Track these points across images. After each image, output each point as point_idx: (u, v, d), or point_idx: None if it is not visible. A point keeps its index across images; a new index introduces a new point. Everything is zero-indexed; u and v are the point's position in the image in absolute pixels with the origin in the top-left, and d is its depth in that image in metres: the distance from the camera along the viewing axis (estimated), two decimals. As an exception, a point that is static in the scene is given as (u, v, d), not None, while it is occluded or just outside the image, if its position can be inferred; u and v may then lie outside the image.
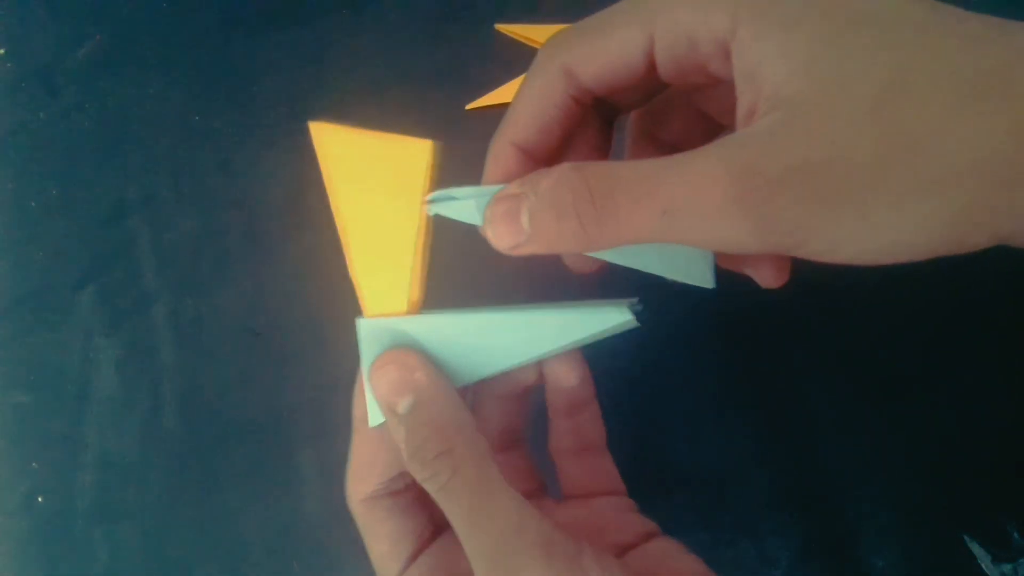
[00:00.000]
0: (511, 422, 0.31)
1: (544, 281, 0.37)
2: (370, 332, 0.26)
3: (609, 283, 0.31)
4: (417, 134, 0.26)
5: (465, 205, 0.25)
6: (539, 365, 0.29)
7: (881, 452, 0.37)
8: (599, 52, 0.25)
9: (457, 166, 0.40)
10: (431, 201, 0.26)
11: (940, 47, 0.20)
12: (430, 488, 0.24)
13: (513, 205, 0.23)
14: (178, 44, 0.44)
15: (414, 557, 0.27)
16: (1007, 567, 0.35)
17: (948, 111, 0.19)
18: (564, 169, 0.22)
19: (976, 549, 0.36)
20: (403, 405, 0.25)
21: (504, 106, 0.41)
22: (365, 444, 0.28)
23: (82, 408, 0.41)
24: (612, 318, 0.26)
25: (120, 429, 0.40)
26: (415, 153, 0.26)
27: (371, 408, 0.26)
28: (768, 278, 0.27)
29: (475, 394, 0.30)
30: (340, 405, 0.40)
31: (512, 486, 0.24)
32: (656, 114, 0.30)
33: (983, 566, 0.35)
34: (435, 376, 0.25)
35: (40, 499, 0.40)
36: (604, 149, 0.29)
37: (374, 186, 0.26)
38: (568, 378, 0.29)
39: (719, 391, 0.39)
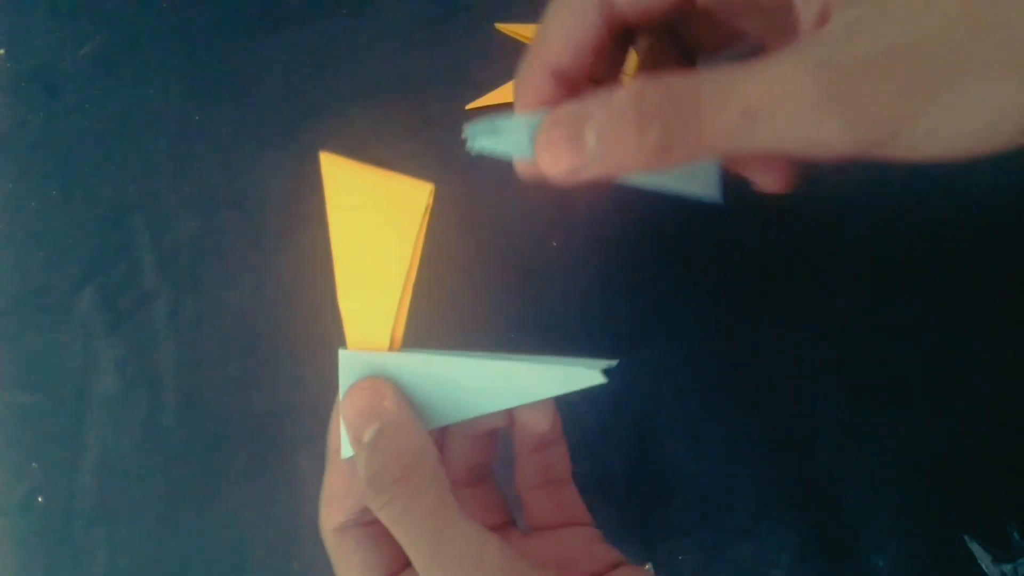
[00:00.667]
0: (479, 458, 0.31)
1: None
2: (350, 364, 0.27)
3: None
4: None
5: (513, 136, 0.24)
6: (510, 410, 0.29)
7: (881, 452, 0.37)
8: None
9: (459, 165, 0.40)
10: (470, 135, 0.25)
11: None
12: (386, 516, 0.24)
13: (574, 124, 0.22)
14: (178, 44, 0.44)
15: None
16: (1007, 567, 0.35)
17: None
18: (641, 81, 0.21)
19: (976, 549, 0.36)
20: (368, 433, 0.25)
21: (505, 105, 0.41)
22: (338, 474, 0.28)
23: (82, 408, 0.40)
24: (585, 378, 0.26)
25: (120, 429, 0.40)
26: (414, 194, 0.26)
27: (344, 439, 0.26)
28: (774, 181, 0.27)
29: (443, 432, 0.30)
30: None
31: (480, 519, 0.24)
32: (667, 45, 0.29)
33: (983, 566, 0.35)
34: (403, 406, 0.25)
35: (40, 499, 0.40)
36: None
37: (371, 221, 0.26)
38: (539, 424, 0.29)
39: (719, 391, 0.39)
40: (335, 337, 0.41)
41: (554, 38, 0.26)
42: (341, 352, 0.27)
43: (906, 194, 0.39)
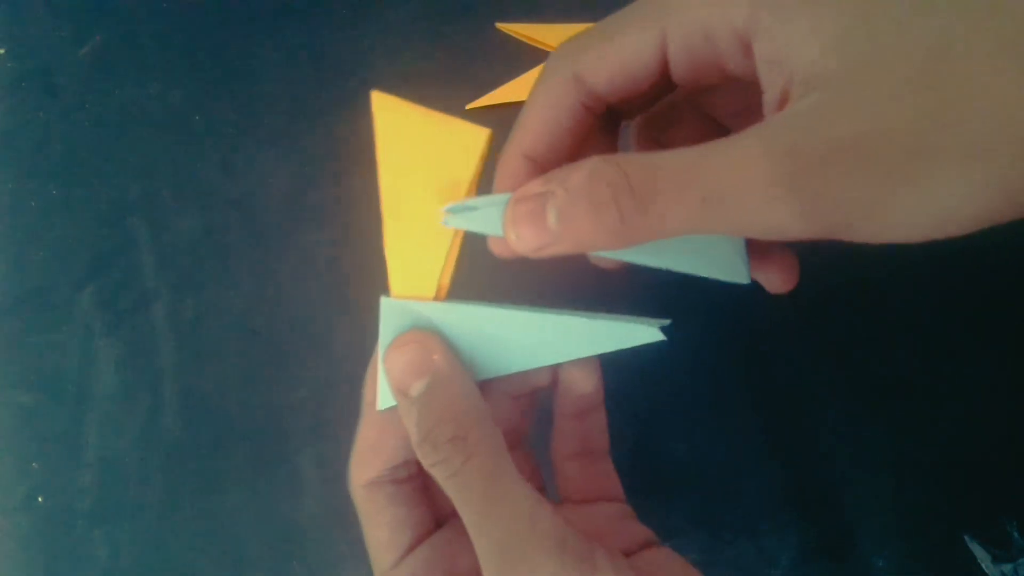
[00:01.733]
0: (517, 422, 0.30)
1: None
2: (392, 312, 0.25)
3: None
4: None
5: (487, 213, 0.24)
6: (554, 368, 0.29)
7: (881, 452, 0.37)
8: (611, 56, 0.24)
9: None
10: (449, 212, 0.25)
11: (977, 13, 0.19)
12: (439, 474, 0.24)
13: (537, 204, 0.22)
14: (178, 44, 0.44)
15: (411, 548, 0.27)
16: (1007, 567, 0.35)
17: (993, 73, 0.19)
18: (596, 161, 0.21)
19: (977, 549, 0.36)
20: (417, 387, 0.24)
21: (505, 105, 0.41)
22: (372, 427, 0.27)
23: (82, 408, 0.40)
24: (642, 335, 0.25)
25: (120, 429, 0.40)
26: (470, 139, 0.25)
27: (381, 391, 0.26)
28: (776, 282, 0.27)
29: (483, 390, 0.30)
30: (340, 405, 0.40)
31: None
32: (660, 120, 0.29)
33: (983, 566, 0.35)
34: (453, 361, 0.25)
35: (40, 499, 0.40)
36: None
37: (424, 165, 0.26)
38: (585, 384, 0.29)
39: (719, 391, 0.39)
40: (335, 337, 0.41)
41: (528, 123, 0.26)
42: (384, 300, 0.26)
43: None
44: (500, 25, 0.43)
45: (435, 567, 0.27)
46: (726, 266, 0.26)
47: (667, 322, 0.26)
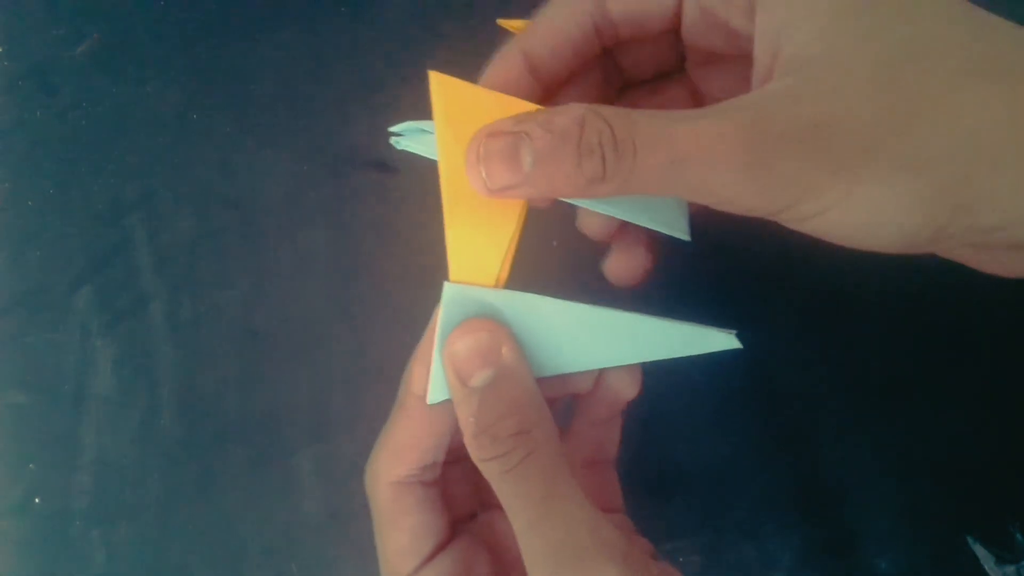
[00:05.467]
0: None
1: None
2: (455, 299, 0.24)
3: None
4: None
5: None
6: (598, 372, 0.28)
7: (883, 453, 0.37)
8: None
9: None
10: (397, 134, 0.24)
11: (952, 27, 0.20)
12: (495, 468, 0.23)
13: (512, 142, 0.21)
14: (176, 43, 0.43)
15: (431, 556, 0.26)
16: (1010, 568, 0.35)
17: (949, 84, 0.19)
18: (585, 110, 0.21)
19: (980, 551, 0.35)
20: (481, 377, 0.23)
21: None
22: (411, 420, 0.26)
23: (79, 408, 0.40)
24: (719, 341, 0.26)
25: (118, 429, 0.40)
26: None
27: (435, 382, 0.25)
28: (625, 276, 0.28)
29: None
30: (339, 406, 0.40)
31: None
32: (647, 90, 0.30)
33: (986, 568, 0.35)
34: (521, 354, 0.24)
35: (37, 500, 0.40)
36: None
37: None
38: (629, 390, 0.28)
39: (721, 392, 0.39)
40: (335, 337, 0.41)
41: (538, 24, 0.26)
42: (447, 285, 0.24)
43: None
44: (501, 21, 0.42)
45: (462, 571, 0.26)
46: (671, 222, 0.26)
47: (734, 332, 0.26)
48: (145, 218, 0.42)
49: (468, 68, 0.42)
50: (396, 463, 0.26)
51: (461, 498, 0.29)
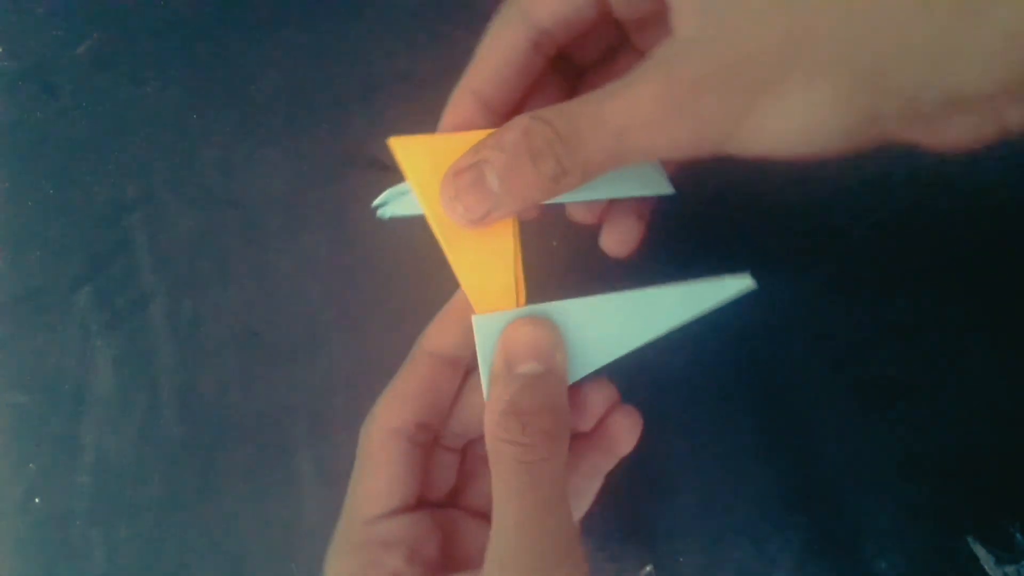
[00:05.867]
0: None
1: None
2: (486, 329, 0.26)
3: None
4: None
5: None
6: (601, 417, 0.29)
7: (884, 453, 0.37)
8: None
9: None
10: (381, 205, 0.26)
11: None
12: (510, 453, 0.24)
13: (476, 172, 0.23)
14: (176, 43, 0.43)
15: (396, 512, 0.27)
16: (1010, 569, 0.35)
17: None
18: (524, 119, 0.23)
19: (979, 551, 0.35)
20: (529, 367, 0.24)
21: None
22: (416, 374, 0.27)
23: (80, 409, 0.40)
24: (734, 286, 0.26)
25: (118, 430, 0.40)
26: None
27: (483, 364, 0.26)
28: (616, 246, 0.29)
29: None
30: (339, 406, 0.40)
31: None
32: (602, 67, 0.30)
33: (986, 568, 0.35)
34: (566, 366, 0.25)
35: (37, 500, 0.40)
36: None
37: None
38: (630, 436, 0.29)
39: (719, 391, 0.39)
40: (335, 337, 0.41)
41: (479, 61, 0.27)
42: (476, 318, 0.26)
43: (906, 194, 0.38)
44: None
45: (414, 539, 0.27)
46: (650, 183, 0.28)
47: (747, 273, 0.27)
48: (145, 218, 0.42)
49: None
50: (394, 412, 0.27)
51: (437, 484, 0.30)
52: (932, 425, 0.37)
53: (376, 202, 0.27)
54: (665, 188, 0.28)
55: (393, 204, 0.26)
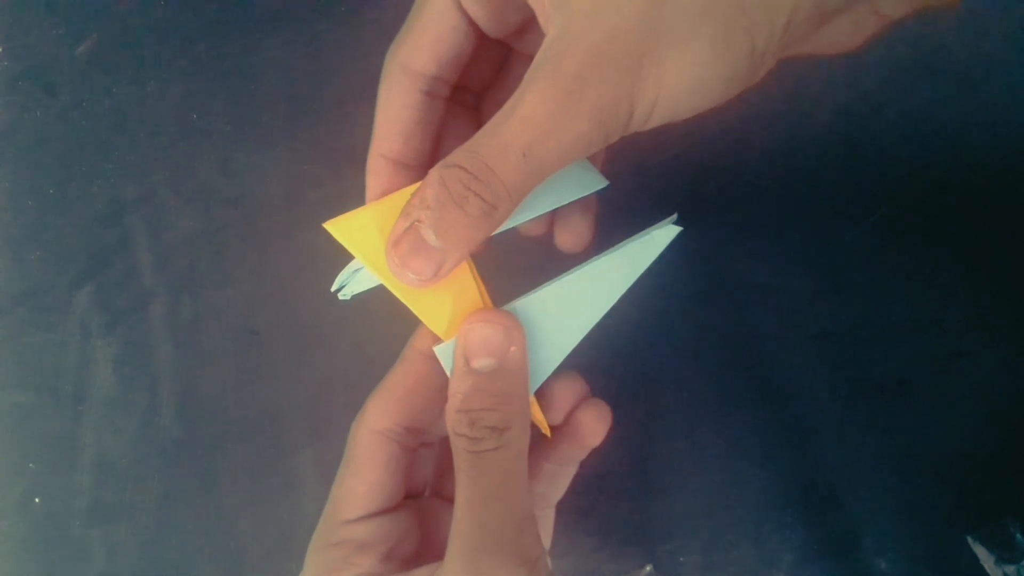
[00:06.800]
0: None
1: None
2: (451, 353, 0.26)
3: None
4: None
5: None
6: (569, 409, 0.29)
7: (884, 453, 0.37)
8: (421, 36, 0.26)
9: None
10: (339, 289, 0.27)
11: None
12: (462, 444, 0.25)
13: (413, 235, 0.24)
14: (176, 42, 0.43)
15: (375, 514, 0.27)
16: (1011, 568, 0.35)
17: None
18: (435, 172, 0.23)
19: (980, 550, 0.35)
20: (482, 363, 0.25)
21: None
22: (407, 375, 0.28)
23: (79, 408, 0.40)
24: (663, 239, 0.27)
25: (118, 429, 0.40)
26: None
27: (445, 356, 0.26)
28: (569, 242, 0.30)
29: None
30: (338, 406, 0.40)
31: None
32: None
33: (987, 567, 0.35)
34: (524, 358, 0.26)
35: (37, 500, 0.40)
36: None
37: None
38: (599, 428, 0.29)
39: (720, 392, 0.39)
40: (334, 337, 0.40)
41: (379, 125, 0.28)
42: (437, 349, 0.26)
43: (905, 194, 0.39)
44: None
45: (392, 539, 0.27)
46: (584, 182, 0.28)
47: (675, 216, 0.28)
48: (145, 218, 0.42)
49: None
50: (382, 414, 0.28)
51: (420, 477, 0.31)
52: (932, 425, 0.37)
53: (334, 287, 0.27)
54: (599, 183, 0.29)
55: (351, 284, 0.27)
